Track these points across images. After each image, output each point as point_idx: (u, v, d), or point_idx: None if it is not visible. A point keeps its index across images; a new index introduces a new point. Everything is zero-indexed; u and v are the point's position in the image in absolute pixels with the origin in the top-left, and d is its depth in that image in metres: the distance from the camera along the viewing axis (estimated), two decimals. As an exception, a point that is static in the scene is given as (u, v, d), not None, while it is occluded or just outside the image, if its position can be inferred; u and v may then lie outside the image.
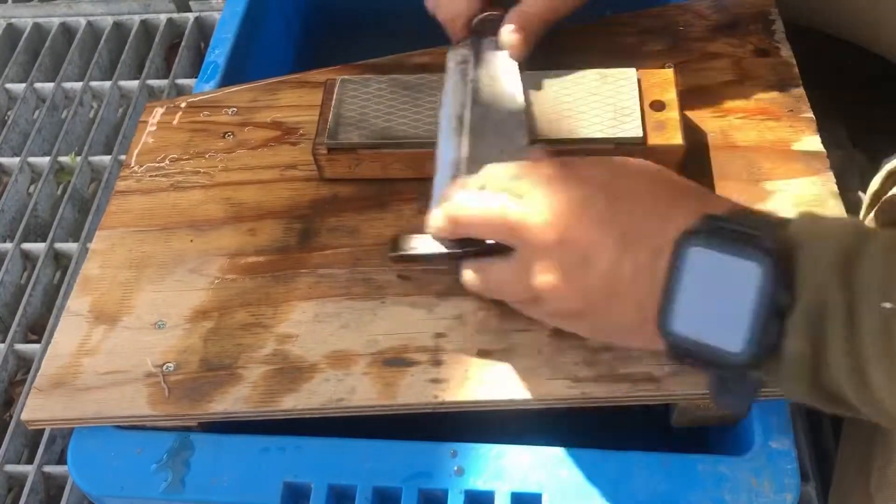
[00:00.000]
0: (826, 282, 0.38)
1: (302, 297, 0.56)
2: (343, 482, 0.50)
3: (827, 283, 0.38)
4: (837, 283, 0.38)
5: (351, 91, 0.62)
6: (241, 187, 0.63)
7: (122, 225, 0.62)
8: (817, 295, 0.38)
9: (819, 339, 0.38)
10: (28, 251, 0.99)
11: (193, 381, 0.53)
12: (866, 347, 0.37)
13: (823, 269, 0.38)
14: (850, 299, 0.38)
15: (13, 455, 0.85)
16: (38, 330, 0.95)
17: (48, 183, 1.05)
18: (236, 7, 0.77)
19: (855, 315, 0.37)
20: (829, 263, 0.38)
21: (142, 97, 1.12)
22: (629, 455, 0.50)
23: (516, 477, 0.50)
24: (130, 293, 0.58)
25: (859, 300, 0.37)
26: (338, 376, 0.52)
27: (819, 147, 0.59)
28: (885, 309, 0.37)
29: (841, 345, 0.38)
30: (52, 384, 0.54)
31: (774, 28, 0.66)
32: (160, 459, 0.52)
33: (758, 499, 0.48)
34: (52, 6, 1.23)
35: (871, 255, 0.38)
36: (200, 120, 0.68)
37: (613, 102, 0.58)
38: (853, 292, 0.38)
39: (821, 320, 0.38)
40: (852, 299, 0.38)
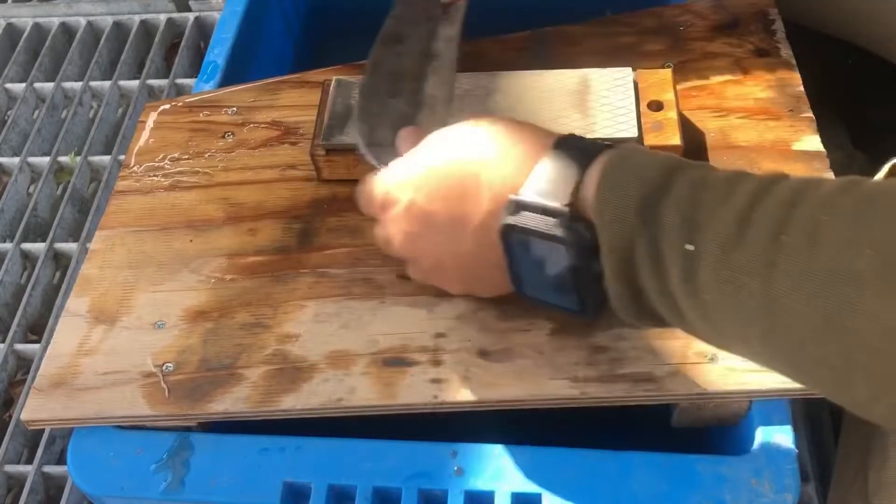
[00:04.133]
0: (628, 229, 0.40)
1: (302, 297, 0.56)
2: (343, 482, 0.50)
3: (629, 229, 0.40)
4: (640, 226, 0.40)
5: (347, 91, 0.62)
6: (240, 187, 0.63)
7: (122, 225, 0.62)
8: (622, 243, 0.40)
9: (632, 280, 0.41)
10: (28, 251, 0.99)
11: (193, 381, 0.53)
12: (674, 286, 0.39)
13: (624, 219, 0.40)
14: (653, 240, 0.39)
15: (13, 455, 0.85)
16: (38, 330, 0.95)
17: (48, 183, 1.05)
18: (236, 7, 0.77)
19: (659, 255, 0.39)
20: (630, 211, 0.40)
21: (142, 97, 1.12)
22: (629, 455, 0.50)
23: (516, 477, 0.50)
24: (130, 293, 0.58)
25: (662, 240, 0.39)
26: (337, 376, 0.52)
27: (819, 147, 0.59)
28: (687, 250, 0.38)
29: (651, 281, 0.40)
30: (51, 384, 0.54)
31: (774, 28, 0.66)
32: (160, 459, 0.52)
33: (758, 499, 0.48)
34: (52, 6, 1.23)
35: (675, 196, 0.39)
36: (200, 120, 0.68)
37: (609, 102, 0.58)
38: (656, 232, 0.39)
39: (630, 264, 0.40)
40: (655, 240, 0.39)
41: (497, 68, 0.62)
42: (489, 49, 0.64)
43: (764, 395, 0.50)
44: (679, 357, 0.50)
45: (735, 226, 0.37)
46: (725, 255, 0.37)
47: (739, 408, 0.52)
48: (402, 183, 0.50)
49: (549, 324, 0.53)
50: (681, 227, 0.38)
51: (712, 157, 0.59)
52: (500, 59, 0.63)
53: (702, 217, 0.38)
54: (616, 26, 0.69)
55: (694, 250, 0.38)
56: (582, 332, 0.52)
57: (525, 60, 0.64)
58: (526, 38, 0.69)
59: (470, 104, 0.60)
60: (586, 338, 0.52)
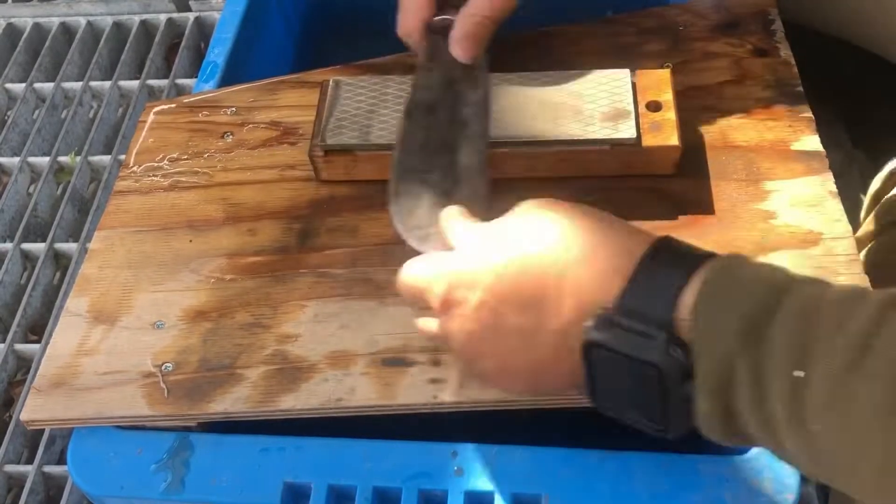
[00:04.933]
0: (729, 352, 0.37)
1: (301, 297, 0.56)
2: (343, 482, 0.50)
3: (729, 354, 0.37)
4: (742, 349, 0.37)
5: (345, 92, 0.62)
6: (240, 187, 0.63)
7: (122, 225, 0.62)
8: (721, 366, 0.38)
9: (727, 401, 0.38)
10: (28, 251, 0.99)
11: (193, 382, 0.53)
12: (776, 413, 0.37)
13: (725, 342, 0.38)
14: (756, 365, 0.37)
15: (13, 455, 0.85)
16: (37, 330, 0.95)
17: (48, 183, 1.05)
18: (236, 7, 0.77)
19: (762, 381, 0.37)
20: (732, 333, 0.37)
21: (142, 97, 1.12)
22: (629, 455, 0.50)
23: (516, 477, 0.50)
24: (129, 293, 0.58)
25: (767, 366, 0.37)
26: (337, 376, 0.52)
27: (818, 147, 0.59)
28: (795, 377, 0.36)
29: (749, 407, 0.38)
30: (51, 384, 0.54)
31: (774, 28, 0.66)
32: (160, 459, 0.52)
33: (758, 499, 0.48)
34: (52, 6, 1.23)
35: (784, 319, 0.37)
36: (200, 120, 0.68)
37: (608, 103, 0.58)
38: (760, 357, 0.37)
39: (727, 386, 0.38)
40: (759, 365, 0.37)
41: (496, 69, 0.62)
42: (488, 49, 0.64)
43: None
44: (679, 357, 0.50)
45: (853, 353, 0.34)
46: (840, 386, 0.34)
47: (739, 408, 0.52)
48: (469, 280, 0.45)
49: (548, 324, 0.52)
50: (789, 353, 0.36)
51: (711, 158, 0.59)
52: (499, 59, 0.63)
53: (813, 342, 0.36)
54: (616, 26, 0.69)
55: (803, 377, 0.35)
56: (582, 332, 0.52)
57: (525, 60, 0.64)
58: (526, 38, 0.69)
59: (470, 104, 0.60)
60: (586, 338, 0.51)
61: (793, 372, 0.36)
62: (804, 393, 0.35)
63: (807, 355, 0.36)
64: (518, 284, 0.44)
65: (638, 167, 0.58)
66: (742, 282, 0.39)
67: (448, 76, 0.60)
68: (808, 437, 0.36)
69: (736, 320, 0.37)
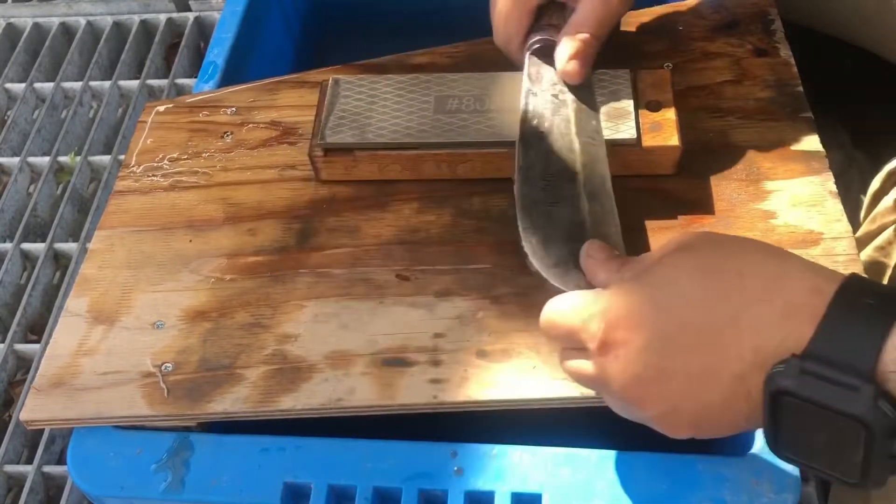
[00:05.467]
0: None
1: (301, 297, 0.56)
2: (343, 482, 0.50)
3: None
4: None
5: (345, 90, 0.62)
6: (239, 187, 0.63)
7: (121, 225, 0.62)
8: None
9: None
10: (28, 251, 0.99)
11: (192, 382, 0.53)
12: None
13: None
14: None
15: (13, 455, 0.85)
16: (37, 330, 0.95)
17: (48, 183, 1.05)
18: (236, 7, 0.77)
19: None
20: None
21: (141, 97, 1.12)
22: (629, 455, 0.50)
23: (516, 477, 0.50)
24: (129, 293, 0.58)
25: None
26: (337, 376, 0.52)
27: (818, 147, 0.59)
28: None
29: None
30: (51, 384, 0.54)
31: (774, 28, 0.66)
32: (160, 459, 0.52)
33: (758, 499, 0.48)
34: (52, 6, 1.23)
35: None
36: (199, 120, 0.68)
37: (608, 103, 0.58)
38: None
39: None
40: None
41: (496, 68, 0.62)
42: (489, 49, 0.64)
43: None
44: (679, 357, 0.50)
45: None
46: None
47: (739, 408, 0.52)
48: (630, 319, 0.42)
49: (548, 324, 0.52)
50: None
51: (711, 158, 0.59)
52: (499, 59, 0.63)
53: None
54: (616, 26, 0.69)
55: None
56: (581, 332, 0.52)
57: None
58: (525, 38, 0.69)
59: (469, 106, 0.60)
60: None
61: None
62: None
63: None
64: (687, 324, 0.41)
65: (638, 167, 0.58)
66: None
67: (556, 100, 0.58)
68: None
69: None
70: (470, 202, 0.60)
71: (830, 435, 0.38)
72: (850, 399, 0.36)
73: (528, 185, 0.54)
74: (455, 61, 0.68)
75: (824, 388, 0.37)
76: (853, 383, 0.36)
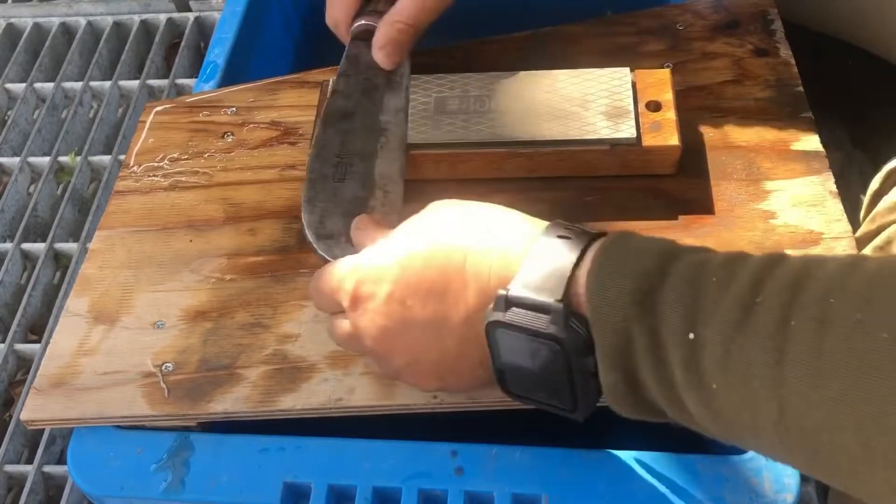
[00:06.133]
0: (625, 320, 0.38)
1: (301, 297, 0.56)
2: (343, 482, 0.50)
3: (625, 322, 0.38)
4: (637, 316, 0.38)
5: None
6: (240, 187, 0.63)
7: (122, 225, 0.62)
8: (618, 335, 0.39)
9: (629, 370, 0.39)
10: (28, 251, 0.99)
11: (193, 381, 0.53)
12: (676, 376, 0.37)
13: (621, 310, 0.38)
14: (652, 330, 0.38)
15: (13, 455, 0.85)
16: (38, 330, 0.95)
17: (48, 183, 1.05)
18: (236, 7, 0.77)
19: (659, 346, 0.38)
20: (627, 300, 0.38)
21: (142, 97, 1.12)
22: (629, 455, 0.50)
23: (516, 477, 0.50)
24: (130, 293, 0.58)
25: (662, 331, 0.37)
26: (337, 376, 0.52)
27: (818, 147, 0.59)
28: (689, 339, 0.37)
29: (651, 374, 0.38)
30: (51, 384, 0.54)
31: (774, 28, 0.66)
32: (160, 459, 0.52)
33: (758, 499, 0.48)
34: (52, 6, 1.23)
35: (673, 283, 0.38)
36: (200, 120, 0.68)
37: (608, 103, 0.58)
38: (655, 322, 0.38)
39: (628, 354, 0.39)
40: (655, 330, 0.38)
41: (496, 68, 0.62)
42: (488, 49, 0.64)
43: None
44: (679, 357, 0.50)
45: (739, 312, 0.36)
46: (730, 344, 0.36)
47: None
48: (376, 275, 0.46)
49: (548, 324, 0.52)
50: (681, 316, 0.37)
51: (711, 157, 0.59)
52: (499, 59, 0.63)
53: (703, 304, 0.37)
54: (616, 26, 0.69)
55: (695, 339, 0.36)
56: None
57: (524, 60, 0.64)
58: (525, 38, 0.69)
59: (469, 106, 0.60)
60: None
61: (687, 334, 0.37)
62: (699, 354, 0.37)
63: (698, 317, 0.37)
64: (423, 275, 0.45)
65: (638, 167, 0.58)
66: (632, 252, 0.40)
67: (368, 83, 0.60)
68: (708, 397, 0.37)
69: (628, 289, 0.38)
70: (470, 202, 0.60)
71: (540, 361, 0.42)
72: (545, 321, 0.41)
73: (320, 160, 0.57)
74: (455, 61, 0.68)
75: (526, 315, 0.41)
76: (547, 306, 0.41)
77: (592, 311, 0.40)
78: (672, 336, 0.37)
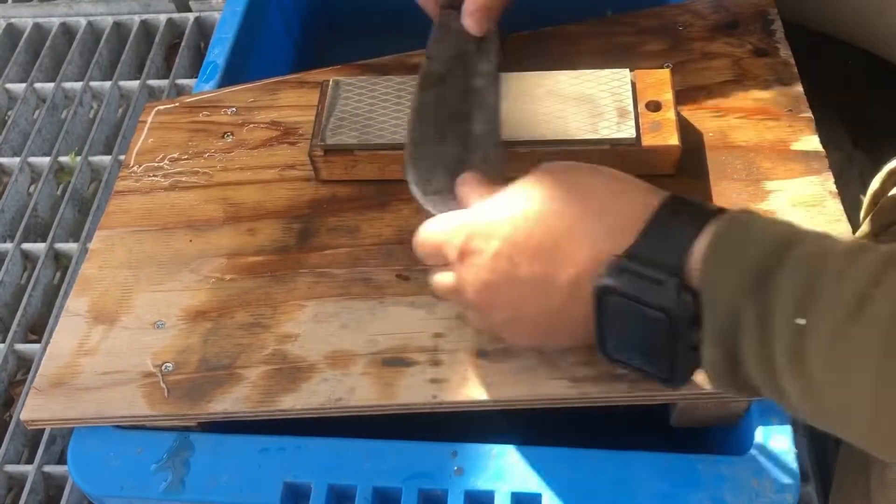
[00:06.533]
0: (736, 299, 0.39)
1: (301, 297, 0.56)
2: (343, 482, 0.50)
3: (736, 302, 0.39)
4: (748, 296, 0.38)
5: (345, 92, 0.62)
6: (240, 187, 0.63)
7: (122, 225, 0.62)
8: (727, 313, 0.39)
9: (732, 349, 0.39)
10: (28, 251, 0.99)
11: (193, 381, 0.53)
12: (778, 360, 0.38)
13: (733, 289, 0.39)
14: (762, 312, 0.38)
15: (13, 455, 0.85)
16: (38, 330, 0.95)
17: (48, 183, 1.05)
18: (236, 7, 0.77)
19: (767, 328, 0.38)
20: (740, 283, 0.39)
21: (142, 97, 1.12)
22: (629, 455, 0.50)
23: (516, 477, 0.50)
24: (129, 293, 0.58)
25: (772, 314, 0.38)
26: (337, 376, 0.52)
27: (818, 147, 0.59)
28: (798, 325, 0.37)
29: (754, 355, 0.39)
30: (51, 384, 0.54)
31: (774, 28, 0.66)
32: (160, 459, 0.52)
33: (758, 499, 0.48)
34: (52, 6, 1.23)
35: (790, 268, 0.38)
36: (200, 120, 0.68)
37: (608, 103, 0.58)
38: (766, 304, 0.38)
39: (733, 333, 0.39)
40: (765, 312, 0.38)
41: (497, 68, 0.62)
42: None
43: (763, 395, 0.49)
44: (678, 357, 0.50)
45: (854, 303, 0.36)
46: (840, 334, 0.36)
47: (739, 408, 0.52)
48: (486, 231, 0.47)
49: (548, 324, 0.52)
50: (794, 301, 0.37)
51: (711, 158, 0.59)
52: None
53: (818, 292, 0.37)
54: (616, 26, 0.69)
55: (805, 325, 0.36)
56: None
57: (525, 60, 0.64)
58: (526, 38, 0.69)
59: (469, 104, 0.60)
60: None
61: (796, 320, 0.37)
62: (806, 340, 0.37)
63: (810, 304, 0.37)
64: (533, 234, 0.46)
65: (638, 167, 0.58)
66: (752, 233, 0.40)
67: (460, 49, 0.61)
68: (808, 383, 0.37)
69: (744, 269, 0.39)
70: (470, 202, 0.60)
71: (645, 328, 0.43)
72: (657, 291, 0.41)
73: (420, 122, 0.58)
74: (455, 61, 0.68)
75: (638, 283, 0.42)
76: (661, 278, 0.41)
77: (705, 288, 0.40)
78: (781, 321, 0.37)
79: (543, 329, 0.48)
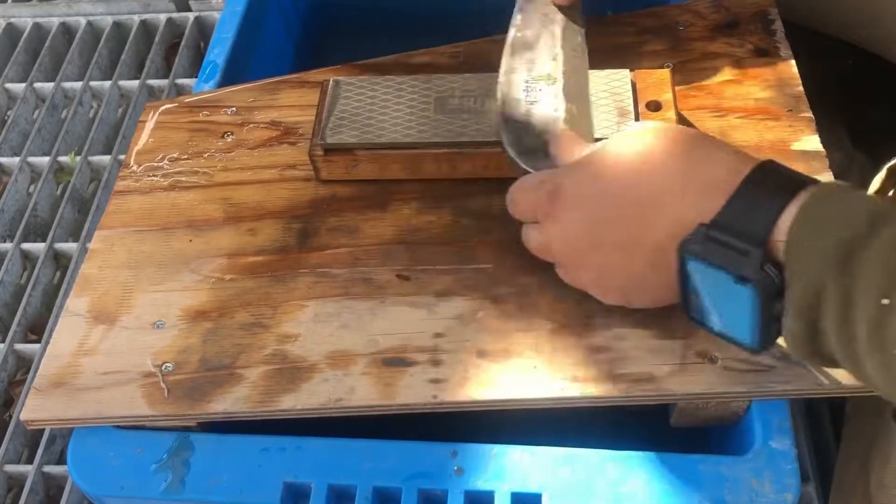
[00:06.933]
0: (820, 276, 0.39)
1: (301, 297, 0.56)
2: (343, 482, 0.50)
3: (822, 277, 0.39)
4: (834, 273, 0.38)
5: (345, 91, 0.62)
6: (240, 187, 0.63)
7: (122, 225, 0.62)
8: (812, 289, 0.39)
9: (814, 322, 0.40)
10: (28, 251, 1.00)
11: (193, 381, 0.53)
12: (859, 337, 0.38)
13: (818, 267, 0.39)
14: (847, 289, 0.38)
15: (13, 455, 0.85)
16: (37, 330, 0.95)
17: (48, 183, 1.05)
18: (236, 7, 0.77)
19: (850, 305, 0.38)
20: (827, 256, 0.39)
21: (142, 97, 1.12)
22: (629, 455, 0.50)
23: (516, 477, 0.50)
24: (129, 293, 0.58)
25: (857, 290, 0.38)
26: (337, 376, 0.52)
27: (818, 147, 0.59)
28: (882, 304, 0.37)
29: (836, 330, 0.39)
30: (51, 384, 0.54)
31: (774, 28, 0.66)
32: (160, 459, 0.52)
33: (758, 499, 0.48)
34: (52, 6, 1.23)
35: (878, 247, 0.38)
36: (200, 120, 0.68)
37: (608, 103, 0.58)
38: (851, 282, 0.38)
39: (817, 307, 0.39)
40: (850, 289, 0.38)
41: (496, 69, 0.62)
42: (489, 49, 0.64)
43: (764, 395, 0.50)
44: (678, 357, 0.50)
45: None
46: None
47: (739, 408, 0.52)
48: (575, 192, 0.48)
49: (548, 324, 0.53)
50: (880, 280, 0.37)
51: (712, 157, 0.59)
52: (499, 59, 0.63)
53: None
54: (616, 26, 0.69)
55: (889, 305, 0.36)
56: (581, 332, 0.52)
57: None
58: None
59: (469, 106, 0.60)
60: (586, 338, 0.52)
61: (881, 299, 0.37)
62: (889, 319, 0.37)
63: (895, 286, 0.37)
64: (621, 196, 0.47)
65: (638, 167, 0.58)
66: (842, 207, 0.40)
67: (546, 18, 0.62)
68: (889, 360, 0.37)
69: (831, 244, 0.38)
70: (470, 202, 0.60)
71: (727, 297, 0.43)
72: (742, 262, 0.41)
73: (509, 85, 0.59)
74: (455, 61, 0.68)
75: (723, 252, 0.42)
76: (746, 248, 0.41)
77: (791, 261, 0.40)
78: (865, 298, 0.37)
79: (630, 288, 0.49)
